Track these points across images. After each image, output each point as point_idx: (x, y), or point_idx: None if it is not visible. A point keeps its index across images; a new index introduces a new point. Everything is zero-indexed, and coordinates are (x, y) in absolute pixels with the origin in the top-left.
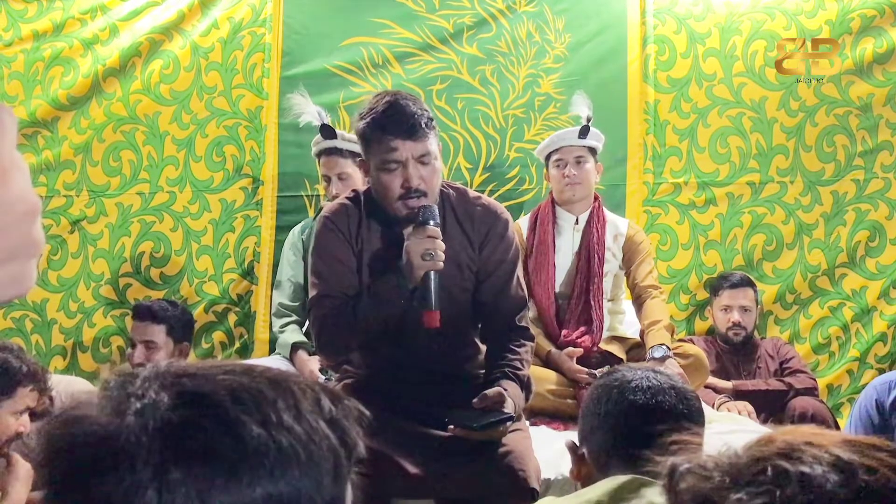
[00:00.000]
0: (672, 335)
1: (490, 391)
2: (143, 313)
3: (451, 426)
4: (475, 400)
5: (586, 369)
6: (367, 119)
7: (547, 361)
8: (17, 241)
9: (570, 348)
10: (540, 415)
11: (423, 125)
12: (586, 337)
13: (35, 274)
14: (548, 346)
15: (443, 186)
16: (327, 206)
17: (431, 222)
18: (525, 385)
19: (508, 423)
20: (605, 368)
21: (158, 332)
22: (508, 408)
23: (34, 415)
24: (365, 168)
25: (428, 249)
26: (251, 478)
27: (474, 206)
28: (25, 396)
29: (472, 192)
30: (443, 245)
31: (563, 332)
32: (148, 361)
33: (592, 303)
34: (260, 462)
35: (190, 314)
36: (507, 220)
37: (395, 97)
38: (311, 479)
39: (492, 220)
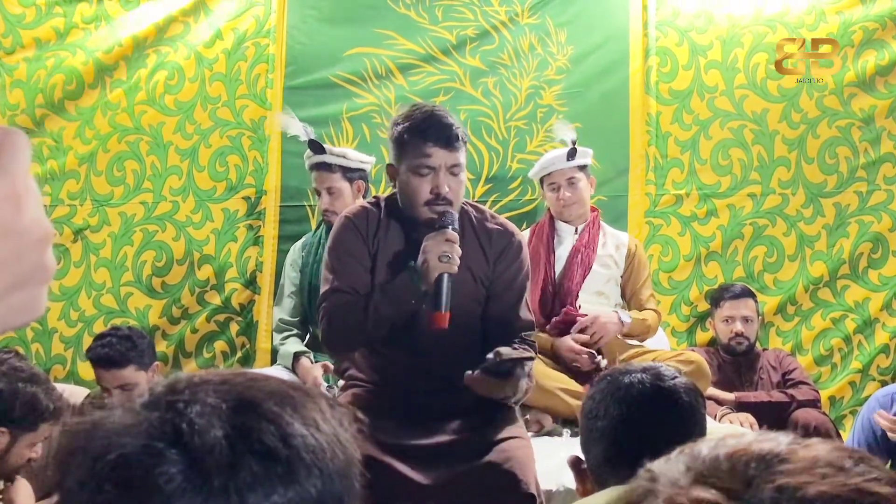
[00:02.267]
0: (640, 333)
1: (502, 347)
2: (104, 362)
3: (469, 373)
4: (489, 354)
5: (582, 347)
6: (406, 125)
7: (554, 355)
8: (29, 268)
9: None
10: (556, 419)
11: (459, 137)
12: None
13: (46, 300)
14: (551, 339)
15: (463, 204)
16: (348, 208)
17: (450, 227)
18: (527, 374)
19: (528, 363)
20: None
21: (130, 374)
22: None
23: None
24: (392, 173)
25: (445, 252)
26: (307, 475)
27: (492, 225)
28: (46, 431)
29: (490, 212)
30: (459, 250)
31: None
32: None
33: (556, 301)
34: (312, 460)
35: (145, 334)
36: (522, 242)
37: (434, 108)
38: (347, 478)
39: (507, 240)
